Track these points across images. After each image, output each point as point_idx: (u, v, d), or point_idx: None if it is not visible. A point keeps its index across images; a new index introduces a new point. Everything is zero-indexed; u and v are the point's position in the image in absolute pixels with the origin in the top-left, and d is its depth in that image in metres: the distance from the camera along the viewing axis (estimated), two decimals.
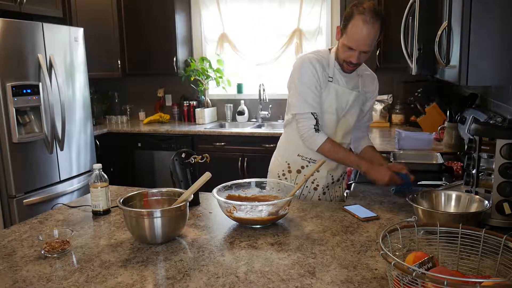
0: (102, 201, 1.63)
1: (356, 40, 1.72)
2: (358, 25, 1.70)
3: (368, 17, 1.69)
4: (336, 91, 1.88)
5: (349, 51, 1.77)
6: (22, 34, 3.04)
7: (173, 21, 4.25)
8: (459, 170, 2.12)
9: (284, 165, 2.01)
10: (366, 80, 1.98)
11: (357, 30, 1.71)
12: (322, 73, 1.85)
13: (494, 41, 1.34)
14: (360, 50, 1.75)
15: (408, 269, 0.84)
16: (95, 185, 1.62)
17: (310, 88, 1.83)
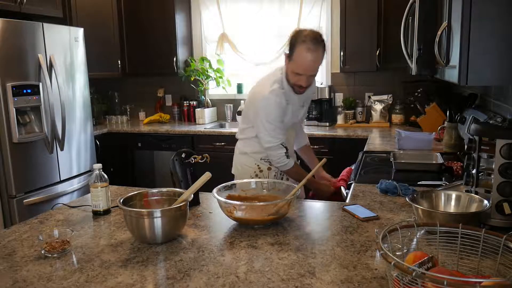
0: (102, 201, 1.63)
1: (303, 67, 1.90)
2: (302, 53, 1.88)
3: (310, 44, 1.85)
4: (292, 111, 2.12)
5: (297, 76, 1.95)
6: (22, 34, 3.04)
7: (173, 21, 4.25)
8: (459, 170, 2.12)
9: (255, 167, 2.24)
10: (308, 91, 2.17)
11: (302, 58, 1.89)
12: (284, 101, 2.05)
13: (494, 41, 1.34)
14: (308, 74, 1.93)
15: (408, 269, 0.84)
16: (95, 185, 1.62)
17: (277, 124, 2.05)
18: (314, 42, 1.86)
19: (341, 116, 4.13)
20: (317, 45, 1.87)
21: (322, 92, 4.05)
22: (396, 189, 1.81)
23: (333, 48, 4.23)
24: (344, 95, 4.27)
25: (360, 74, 4.17)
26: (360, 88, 4.24)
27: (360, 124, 4.12)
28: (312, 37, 1.87)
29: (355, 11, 3.80)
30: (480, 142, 1.42)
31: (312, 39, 1.87)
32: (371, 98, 4.15)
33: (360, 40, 3.83)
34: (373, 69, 3.85)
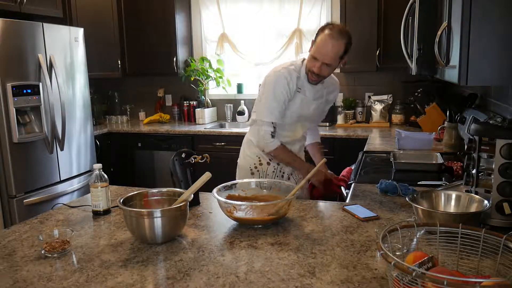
0: (102, 201, 1.63)
1: (320, 51, 1.92)
2: (324, 38, 1.92)
3: (334, 33, 1.91)
4: (301, 100, 2.07)
5: (313, 61, 1.96)
6: (22, 34, 3.04)
7: (173, 21, 4.25)
8: (459, 170, 2.12)
9: (255, 159, 2.21)
10: (329, 87, 2.19)
11: (322, 42, 1.92)
12: (294, 85, 2.04)
13: (494, 41, 1.34)
14: (323, 61, 1.93)
15: (408, 269, 0.84)
16: (95, 185, 1.62)
17: (279, 103, 2.03)
18: (339, 32, 1.91)
19: (341, 116, 4.13)
20: (341, 35, 1.92)
21: None
22: (396, 189, 1.81)
23: None
24: (344, 95, 4.27)
25: (360, 74, 4.17)
26: (360, 88, 4.24)
27: (360, 124, 4.12)
28: (339, 27, 1.95)
29: (355, 11, 3.80)
30: (480, 142, 1.42)
31: (339, 29, 1.93)
32: (371, 98, 4.15)
33: (360, 40, 3.82)
34: (373, 69, 3.85)
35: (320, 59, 1.93)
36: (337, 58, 1.95)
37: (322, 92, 2.16)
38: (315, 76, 2.00)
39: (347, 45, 1.96)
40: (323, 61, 1.93)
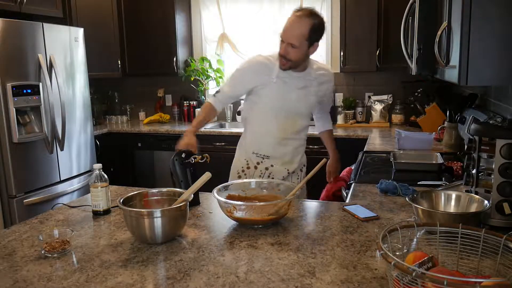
0: (102, 201, 1.63)
1: (284, 32, 1.92)
2: (289, 19, 1.91)
3: (299, 13, 1.89)
4: (278, 90, 2.03)
5: (281, 44, 1.94)
6: (22, 34, 3.04)
7: (173, 21, 4.25)
8: (459, 170, 2.12)
9: (243, 162, 2.20)
10: (320, 78, 2.12)
11: (287, 23, 1.91)
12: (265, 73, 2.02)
13: (494, 41, 1.34)
14: (287, 41, 1.89)
15: (408, 269, 0.84)
16: (95, 185, 1.62)
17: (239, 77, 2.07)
18: (303, 12, 1.88)
19: (341, 116, 4.13)
20: (306, 15, 1.88)
21: None
22: (396, 189, 1.81)
23: (333, 48, 4.23)
24: (344, 95, 4.27)
25: (360, 74, 4.17)
26: (360, 88, 4.24)
27: (360, 124, 4.12)
28: (306, 9, 1.91)
29: (355, 11, 3.80)
30: (480, 142, 1.42)
31: (306, 10, 1.90)
32: (371, 98, 4.15)
33: (360, 40, 3.83)
34: (373, 69, 3.85)
35: (285, 40, 1.90)
36: (302, 39, 1.89)
37: (309, 82, 2.07)
38: (283, 59, 1.95)
39: (314, 27, 1.88)
40: (287, 41, 1.90)
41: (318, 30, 1.90)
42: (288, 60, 1.94)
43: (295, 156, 2.19)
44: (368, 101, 4.19)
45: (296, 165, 2.20)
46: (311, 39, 1.90)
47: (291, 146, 2.15)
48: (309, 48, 1.93)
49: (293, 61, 1.95)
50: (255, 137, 2.16)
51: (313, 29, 1.87)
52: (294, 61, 1.96)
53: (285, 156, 2.15)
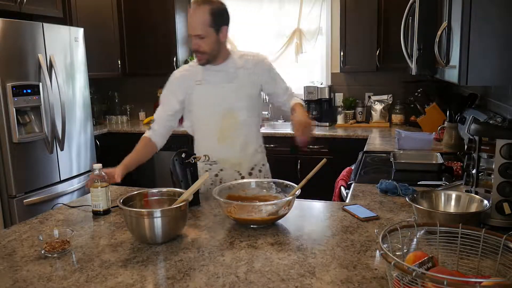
0: (102, 201, 1.63)
1: (188, 26, 1.87)
2: (188, 12, 1.88)
3: (195, 4, 1.85)
4: (206, 91, 1.95)
5: (190, 40, 1.90)
6: (22, 34, 3.04)
7: (173, 21, 4.25)
8: (459, 170, 2.12)
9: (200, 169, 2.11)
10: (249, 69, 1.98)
11: (188, 17, 1.88)
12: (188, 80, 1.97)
13: (494, 41, 1.34)
14: (193, 34, 1.85)
15: (408, 269, 0.84)
16: (95, 185, 1.62)
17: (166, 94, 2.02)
18: (198, 1, 1.85)
19: (341, 116, 4.13)
20: (199, 3, 1.83)
21: (322, 92, 4.05)
22: (396, 189, 1.81)
23: (333, 48, 4.23)
24: (344, 95, 4.27)
25: (360, 74, 4.17)
26: (360, 88, 4.24)
27: (360, 124, 4.12)
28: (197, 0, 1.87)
29: (355, 11, 3.80)
30: (480, 142, 1.42)
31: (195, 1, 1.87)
32: (371, 98, 4.15)
33: (360, 40, 3.83)
34: (373, 69, 3.85)
35: (191, 33, 1.85)
36: (206, 27, 1.82)
37: (235, 73, 1.95)
38: (198, 54, 1.88)
39: (213, 11, 1.82)
40: (193, 34, 1.84)
41: (219, 14, 1.86)
42: (203, 53, 1.87)
43: (244, 156, 2.02)
44: (368, 101, 4.19)
45: (247, 165, 2.02)
46: (216, 24, 1.84)
47: (237, 146, 1.98)
48: (218, 35, 1.86)
49: (208, 53, 1.87)
50: (199, 145, 2.07)
51: (213, 13, 1.82)
52: (209, 52, 1.87)
53: (232, 158, 1.99)
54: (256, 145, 2.08)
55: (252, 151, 2.04)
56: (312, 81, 4.26)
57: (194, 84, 1.96)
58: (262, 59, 2.04)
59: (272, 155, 3.96)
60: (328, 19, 4.22)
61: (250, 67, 1.98)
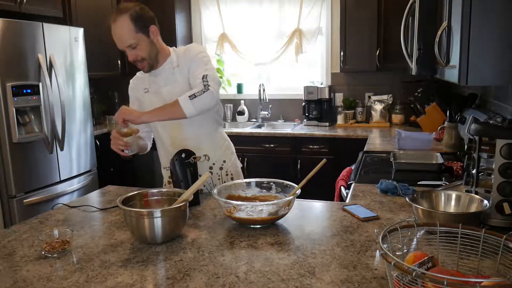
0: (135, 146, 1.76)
1: (116, 41, 1.81)
2: (111, 28, 1.81)
3: (112, 17, 1.78)
4: (151, 98, 1.90)
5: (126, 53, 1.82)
6: (22, 34, 3.04)
7: (173, 21, 4.25)
8: (459, 170, 2.12)
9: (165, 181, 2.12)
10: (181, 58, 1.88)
11: (112, 33, 1.81)
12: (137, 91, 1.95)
13: (494, 41, 1.34)
14: (125, 46, 1.79)
15: (408, 269, 0.84)
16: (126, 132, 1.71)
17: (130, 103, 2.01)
18: (116, 14, 1.77)
19: (341, 116, 4.13)
20: (118, 14, 1.76)
21: (322, 92, 4.06)
22: (396, 189, 1.81)
23: (333, 48, 4.23)
24: (344, 95, 4.27)
25: (360, 74, 4.17)
26: (360, 88, 4.24)
27: (360, 124, 4.12)
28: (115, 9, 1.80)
29: (355, 11, 3.80)
30: (480, 142, 1.42)
31: (115, 11, 1.79)
32: (371, 98, 4.15)
33: (360, 40, 3.83)
34: (373, 69, 3.85)
35: (123, 47, 1.79)
36: (134, 34, 1.75)
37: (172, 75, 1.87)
38: (138, 64, 1.82)
39: (133, 16, 1.74)
40: (125, 46, 1.78)
41: (141, 17, 1.77)
42: (142, 60, 1.80)
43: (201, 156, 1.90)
44: (368, 101, 4.19)
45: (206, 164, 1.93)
46: (142, 28, 1.77)
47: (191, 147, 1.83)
48: (148, 37, 1.79)
49: (147, 58, 1.81)
50: (160, 152, 2.07)
51: (134, 18, 1.75)
52: (147, 57, 1.81)
53: None
54: (213, 143, 1.97)
55: (207, 151, 1.93)
56: (312, 81, 4.26)
57: (143, 92, 1.93)
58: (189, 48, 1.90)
59: (272, 155, 3.99)
60: (328, 19, 4.22)
61: (181, 62, 1.87)
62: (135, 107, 1.97)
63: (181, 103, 1.66)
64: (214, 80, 1.74)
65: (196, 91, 1.68)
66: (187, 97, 1.66)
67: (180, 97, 1.68)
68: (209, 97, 1.69)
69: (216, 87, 1.73)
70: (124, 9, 1.76)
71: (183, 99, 1.66)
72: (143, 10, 1.81)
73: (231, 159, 2.05)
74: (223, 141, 2.04)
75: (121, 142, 1.73)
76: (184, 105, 1.66)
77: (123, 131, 1.71)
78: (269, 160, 3.91)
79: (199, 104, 1.67)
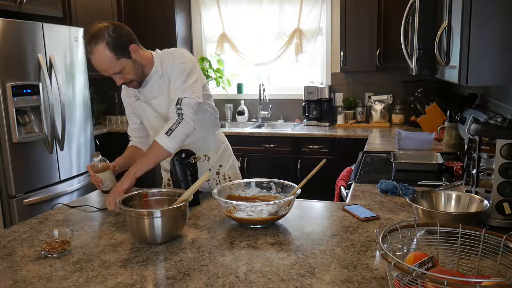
0: (111, 183, 1.72)
1: (97, 68, 1.69)
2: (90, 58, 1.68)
3: (88, 49, 1.66)
4: (142, 106, 1.89)
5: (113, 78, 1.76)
6: (22, 34, 3.04)
7: (173, 21, 4.25)
8: (459, 170, 2.12)
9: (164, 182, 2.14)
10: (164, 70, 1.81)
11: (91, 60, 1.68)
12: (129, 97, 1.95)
13: (494, 41, 1.34)
14: (109, 74, 1.72)
15: (408, 269, 0.84)
16: (99, 168, 1.72)
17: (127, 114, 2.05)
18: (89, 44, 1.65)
19: (341, 116, 4.13)
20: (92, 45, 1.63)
21: (322, 92, 4.06)
22: (396, 189, 1.81)
23: (333, 48, 4.23)
24: (344, 95, 4.27)
25: (360, 74, 4.17)
26: (360, 88, 4.24)
27: (360, 124, 4.12)
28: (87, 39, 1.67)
29: (355, 11, 3.80)
30: (480, 142, 1.42)
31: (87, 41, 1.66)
32: (371, 98, 4.15)
33: (360, 40, 3.83)
34: (373, 69, 3.85)
35: (108, 74, 1.72)
36: (115, 62, 1.66)
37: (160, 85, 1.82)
38: (128, 85, 1.79)
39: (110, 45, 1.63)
40: (109, 74, 1.71)
41: (117, 39, 1.65)
42: (131, 81, 1.76)
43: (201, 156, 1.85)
44: (368, 101, 4.19)
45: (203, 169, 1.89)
46: (121, 52, 1.66)
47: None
48: (131, 58, 1.70)
49: (135, 78, 1.76)
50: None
51: (111, 46, 1.63)
52: (135, 78, 1.76)
53: None
54: (207, 147, 1.95)
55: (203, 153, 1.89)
56: (312, 81, 4.26)
57: (134, 99, 1.91)
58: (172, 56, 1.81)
59: (272, 155, 3.99)
60: (328, 19, 4.22)
61: (165, 70, 1.81)
62: (129, 113, 2.02)
63: (160, 142, 1.64)
64: (188, 105, 1.68)
65: (171, 124, 1.66)
66: (164, 134, 1.64)
67: (157, 137, 1.66)
68: (186, 127, 1.66)
69: (190, 113, 1.68)
70: (97, 36, 1.63)
71: (161, 138, 1.64)
72: (117, 30, 1.66)
73: (229, 162, 2.05)
74: (219, 144, 2.03)
75: (93, 178, 1.76)
76: (164, 143, 1.64)
77: (98, 166, 1.72)
78: (269, 160, 3.91)
79: (178, 136, 1.65)
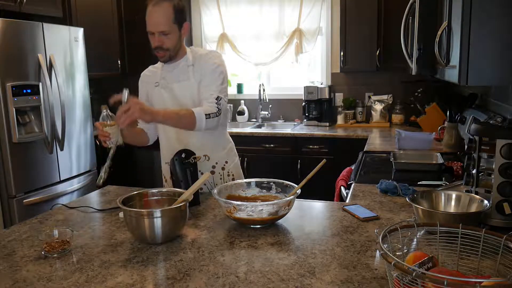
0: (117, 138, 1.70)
1: (150, 23, 1.80)
2: (149, 10, 1.80)
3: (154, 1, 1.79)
4: (160, 93, 1.96)
5: (152, 37, 1.84)
6: (22, 34, 3.04)
7: None
8: (459, 170, 2.12)
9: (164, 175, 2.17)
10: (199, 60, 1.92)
11: (149, 15, 1.80)
12: (148, 84, 2.03)
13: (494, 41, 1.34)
14: (157, 31, 1.80)
15: (408, 269, 0.84)
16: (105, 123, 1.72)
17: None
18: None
19: (341, 116, 4.13)
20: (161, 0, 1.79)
21: (322, 92, 4.06)
22: (396, 189, 1.81)
23: (333, 48, 4.23)
24: (344, 95, 4.28)
25: (360, 74, 4.17)
26: (360, 88, 4.24)
27: (360, 124, 4.12)
28: None
29: (355, 11, 3.80)
30: (480, 142, 1.42)
31: None
32: (371, 98, 4.15)
33: (360, 40, 3.83)
34: (373, 69, 3.85)
35: (155, 30, 1.80)
36: (171, 23, 1.79)
37: (185, 72, 1.91)
38: (160, 51, 1.86)
39: (176, 7, 1.79)
40: (158, 31, 1.80)
41: (181, 11, 1.83)
42: (166, 50, 1.86)
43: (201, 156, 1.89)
44: (368, 101, 4.19)
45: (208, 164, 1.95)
46: (179, 20, 1.82)
47: (193, 146, 1.84)
48: (180, 31, 1.85)
49: (171, 49, 1.86)
50: (162, 147, 2.10)
51: (176, 10, 1.80)
52: (172, 49, 1.86)
53: None
54: (216, 143, 1.98)
55: (211, 149, 1.95)
56: (312, 81, 4.26)
57: (153, 86, 1.98)
58: (215, 54, 1.95)
59: (272, 155, 3.99)
60: (328, 19, 4.22)
61: (196, 63, 1.92)
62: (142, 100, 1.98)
63: (197, 116, 1.72)
64: (223, 106, 1.85)
65: (211, 112, 1.77)
66: (204, 114, 1.73)
67: (197, 111, 1.73)
68: (217, 122, 1.81)
69: (223, 113, 1.85)
70: None
71: (199, 114, 1.73)
72: (184, 5, 1.87)
73: (234, 161, 2.07)
74: (227, 142, 2.07)
75: (102, 133, 1.79)
76: (199, 120, 1.72)
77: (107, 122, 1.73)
78: (269, 160, 3.91)
79: (209, 125, 1.76)
